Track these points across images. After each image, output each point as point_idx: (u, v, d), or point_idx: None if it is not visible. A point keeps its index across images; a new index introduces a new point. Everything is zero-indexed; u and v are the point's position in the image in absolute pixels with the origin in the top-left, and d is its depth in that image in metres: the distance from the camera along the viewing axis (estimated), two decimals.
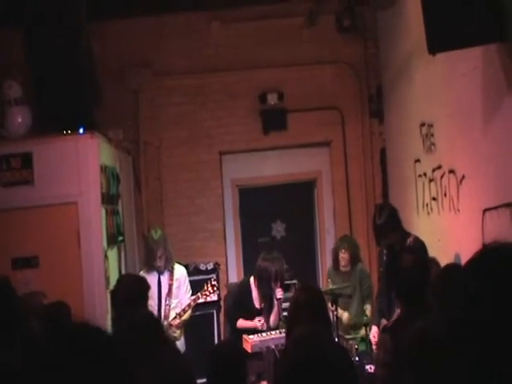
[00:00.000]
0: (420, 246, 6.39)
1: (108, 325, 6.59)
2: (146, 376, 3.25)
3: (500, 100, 5.69)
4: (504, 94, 5.58)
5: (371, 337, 6.94)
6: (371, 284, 8.35)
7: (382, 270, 7.15)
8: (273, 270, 7.39)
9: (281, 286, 7.38)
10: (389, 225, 6.76)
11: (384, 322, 6.49)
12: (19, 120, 8.05)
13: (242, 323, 7.43)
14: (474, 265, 1.79)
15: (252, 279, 7.58)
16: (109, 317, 6.82)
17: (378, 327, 6.79)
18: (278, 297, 7.38)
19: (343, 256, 8.31)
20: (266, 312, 7.46)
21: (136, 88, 10.23)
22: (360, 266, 8.43)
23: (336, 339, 6.49)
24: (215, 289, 7.66)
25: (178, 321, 7.46)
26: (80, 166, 7.85)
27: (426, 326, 3.32)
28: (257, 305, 7.50)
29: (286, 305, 9.22)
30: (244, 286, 7.71)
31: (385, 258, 6.85)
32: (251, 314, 7.44)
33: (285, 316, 6.44)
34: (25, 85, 8.09)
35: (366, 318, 7.75)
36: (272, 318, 7.41)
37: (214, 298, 7.86)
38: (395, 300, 5.57)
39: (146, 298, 5.82)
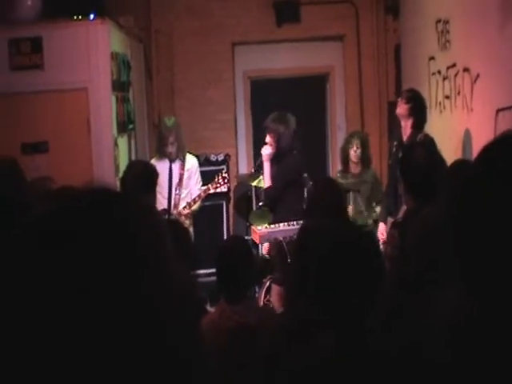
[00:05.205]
0: (431, 142, 6.30)
1: None
2: None
3: None
4: None
5: (379, 234, 6.87)
6: (382, 189, 8.13)
7: (390, 163, 7.04)
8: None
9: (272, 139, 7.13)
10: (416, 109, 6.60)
11: (390, 220, 6.47)
12: (29, 3, 7.92)
13: None
14: (486, 153, 1.47)
15: None
16: None
17: (385, 224, 6.76)
18: (261, 152, 7.22)
19: (355, 150, 7.98)
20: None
21: None
22: (372, 171, 8.20)
23: None
24: (226, 181, 7.68)
25: (187, 210, 7.51)
26: (90, 52, 7.79)
27: (431, 213, 3.27)
28: None
29: None
30: None
31: (394, 149, 6.75)
32: None
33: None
34: None
35: (374, 214, 7.73)
36: (265, 179, 7.22)
37: (224, 189, 7.88)
38: (403, 195, 5.56)
39: (153, 184, 5.83)
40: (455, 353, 1.41)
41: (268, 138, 7.14)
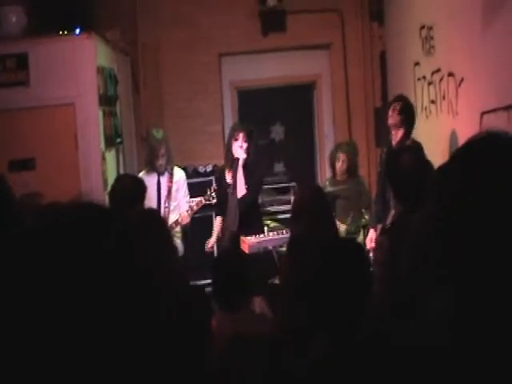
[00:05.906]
0: (418, 147, 6.32)
1: None
2: None
3: (501, 1, 5.59)
4: None
5: (367, 240, 6.84)
6: (370, 195, 8.14)
7: (380, 170, 7.08)
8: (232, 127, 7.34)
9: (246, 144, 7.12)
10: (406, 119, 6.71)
11: (380, 226, 6.45)
12: (14, 20, 7.92)
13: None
14: (459, 154, 1.48)
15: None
16: None
17: (375, 230, 6.73)
18: (236, 156, 7.12)
19: (341, 165, 8.03)
20: (232, 178, 7.16)
21: None
22: (360, 178, 8.26)
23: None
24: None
25: (179, 223, 7.46)
26: (77, 67, 7.79)
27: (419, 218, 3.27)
28: (228, 179, 7.26)
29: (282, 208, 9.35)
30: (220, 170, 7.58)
31: (384, 156, 6.78)
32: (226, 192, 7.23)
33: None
34: None
35: (364, 220, 7.72)
36: (238, 186, 7.13)
37: (214, 201, 7.88)
38: (391, 201, 5.56)
39: (142, 197, 5.84)
40: (451, 351, 1.42)
41: (240, 143, 7.13)
